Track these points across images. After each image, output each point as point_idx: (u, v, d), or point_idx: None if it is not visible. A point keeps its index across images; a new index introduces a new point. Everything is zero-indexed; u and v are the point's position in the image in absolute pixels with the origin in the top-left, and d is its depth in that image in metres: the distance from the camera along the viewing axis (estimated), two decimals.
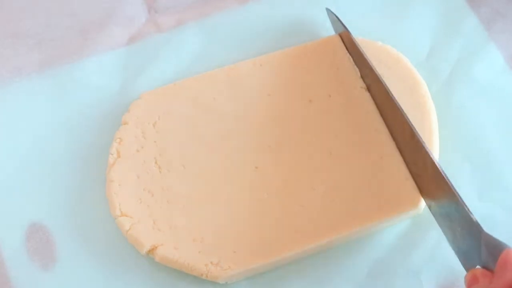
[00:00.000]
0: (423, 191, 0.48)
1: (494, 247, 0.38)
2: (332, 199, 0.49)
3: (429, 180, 0.46)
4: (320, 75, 0.54)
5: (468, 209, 0.42)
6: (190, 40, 0.57)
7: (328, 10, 0.56)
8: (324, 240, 0.47)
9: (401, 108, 0.49)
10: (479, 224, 0.40)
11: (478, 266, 0.40)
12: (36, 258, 0.49)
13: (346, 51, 0.54)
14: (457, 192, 0.43)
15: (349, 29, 0.54)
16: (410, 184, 0.49)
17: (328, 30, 0.57)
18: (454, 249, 0.44)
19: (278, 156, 0.51)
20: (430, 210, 0.47)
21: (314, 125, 0.52)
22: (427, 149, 0.46)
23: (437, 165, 0.45)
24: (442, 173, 0.44)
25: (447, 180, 0.44)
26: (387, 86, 0.50)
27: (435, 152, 0.50)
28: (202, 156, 0.51)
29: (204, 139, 0.51)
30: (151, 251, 0.47)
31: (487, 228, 0.40)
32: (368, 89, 0.53)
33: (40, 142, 0.53)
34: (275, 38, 0.57)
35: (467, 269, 0.42)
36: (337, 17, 0.55)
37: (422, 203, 0.48)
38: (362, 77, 0.53)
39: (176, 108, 0.53)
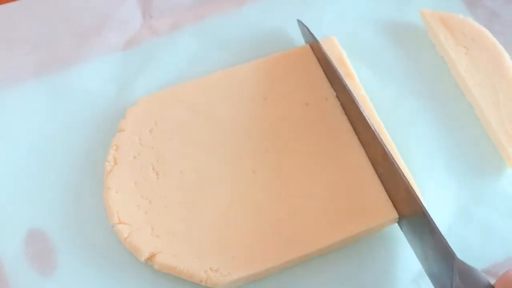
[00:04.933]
0: (396, 207, 0.47)
1: (468, 275, 0.38)
2: (331, 204, 0.48)
3: (401, 199, 0.45)
4: (317, 78, 0.54)
5: (442, 234, 0.41)
6: (186, 44, 0.57)
7: (299, 21, 0.55)
8: (325, 245, 0.47)
9: (373, 127, 0.48)
10: (452, 251, 0.40)
11: None
12: (35, 265, 0.48)
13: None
14: (430, 216, 0.42)
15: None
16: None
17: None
18: (424, 269, 0.43)
19: (276, 160, 0.50)
20: (400, 228, 0.47)
21: (311, 129, 0.52)
22: (401, 173, 0.45)
23: (409, 187, 0.44)
24: (415, 195, 0.43)
25: (420, 203, 0.43)
26: (355, 98, 0.50)
27: None
28: (200, 162, 0.50)
29: (201, 144, 0.51)
30: (150, 258, 0.47)
31: (484, 233, 0.40)
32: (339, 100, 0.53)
33: (36, 149, 0.52)
34: (272, 41, 0.57)
35: None
36: (307, 28, 0.54)
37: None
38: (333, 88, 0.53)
39: (173, 114, 0.52)
